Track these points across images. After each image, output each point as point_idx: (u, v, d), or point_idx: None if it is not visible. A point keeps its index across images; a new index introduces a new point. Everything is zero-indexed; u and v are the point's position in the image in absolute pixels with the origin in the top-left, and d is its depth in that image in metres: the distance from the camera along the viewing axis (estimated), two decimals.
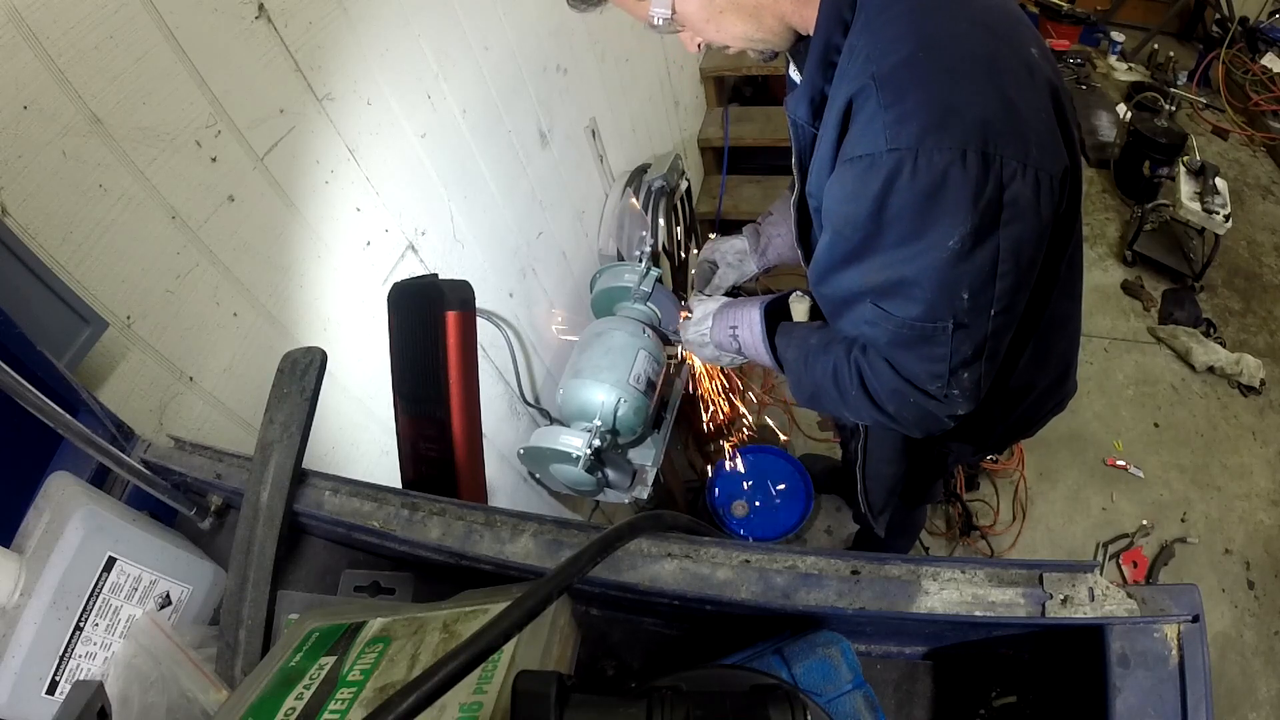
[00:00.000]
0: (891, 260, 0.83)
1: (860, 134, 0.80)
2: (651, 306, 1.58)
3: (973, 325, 0.85)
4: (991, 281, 0.81)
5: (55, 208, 0.83)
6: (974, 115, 0.75)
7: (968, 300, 0.82)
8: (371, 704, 0.57)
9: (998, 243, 0.79)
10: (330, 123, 1.20)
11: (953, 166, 0.74)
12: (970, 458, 1.40)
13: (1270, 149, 3.56)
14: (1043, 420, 1.28)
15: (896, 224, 0.80)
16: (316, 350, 0.88)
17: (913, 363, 0.89)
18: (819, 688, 0.65)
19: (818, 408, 1.12)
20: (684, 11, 0.90)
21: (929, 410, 0.93)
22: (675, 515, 0.72)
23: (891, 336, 0.89)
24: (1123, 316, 2.99)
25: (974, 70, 0.77)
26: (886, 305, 0.87)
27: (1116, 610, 0.59)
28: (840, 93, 0.83)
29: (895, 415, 0.96)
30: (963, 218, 0.77)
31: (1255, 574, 2.29)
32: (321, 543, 0.92)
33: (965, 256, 0.79)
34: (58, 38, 0.80)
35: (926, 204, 0.77)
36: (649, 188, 2.18)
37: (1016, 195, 0.77)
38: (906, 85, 0.76)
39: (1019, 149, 0.76)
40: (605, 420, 1.45)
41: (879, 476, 1.35)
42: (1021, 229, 0.79)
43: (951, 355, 0.87)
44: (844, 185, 0.83)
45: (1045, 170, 0.78)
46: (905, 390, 0.92)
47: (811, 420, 2.79)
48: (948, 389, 0.90)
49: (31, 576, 0.69)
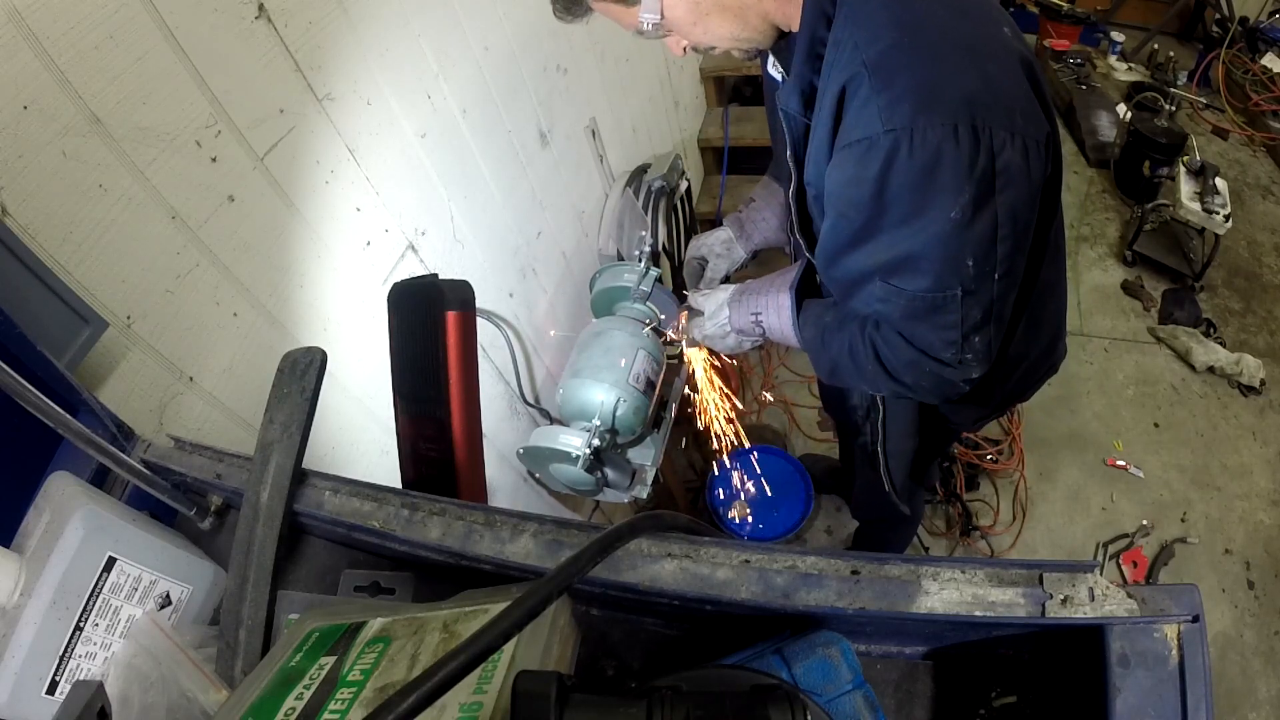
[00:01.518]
0: (897, 238, 0.87)
1: (856, 119, 0.84)
2: (651, 306, 1.58)
3: (979, 290, 0.89)
4: (993, 246, 0.86)
5: (55, 208, 0.83)
6: (960, 92, 0.80)
7: (973, 267, 0.87)
8: (371, 704, 0.57)
9: (995, 209, 0.84)
10: (330, 123, 1.20)
11: (946, 142, 0.79)
12: (972, 426, 1.47)
13: (1270, 149, 3.56)
14: (1037, 384, 1.32)
15: (898, 202, 0.84)
16: (316, 350, 0.88)
17: (926, 333, 0.94)
18: (819, 688, 0.65)
19: (837, 381, 1.17)
20: (672, 16, 0.93)
21: (945, 377, 0.98)
22: (675, 515, 0.72)
23: (904, 310, 0.93)
24: (1123, 316, 2.99)
25: (954, 51, 0.82)
26: (896, 281, 0.91)
27: (1116, 610, 0.59)
28: (832, 82, 0.86)
29: (913, 385, 1.01)
30: (960, 188, 0.81)
31: (1255, 574, 2.29)
32: (321, 543, 0.92)
33: (966, 225, 0.83)
34: (58, 38, 0.80)
35: (925, 179, 0.81)
36: (649, 188, 2.18)
37: (1008, 163, 0.82)
38: (895, 70, 0.81)
39: (1005, 119, 0.81)
40: (605, 420, 1.45)
41: (899, 453, 1.38)
42: (1015, 193, 0.84)
43: (963, 321, 0.91)
44: (844, 169, 0.87)
45: (1031, 136, 0.83)
46: (921, 360, 0.96)
47: (812, 420, 2.79)
48: (961, 354, 0.94)
49: (31, 576, 0.69)
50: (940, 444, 1.50)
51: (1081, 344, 2.90)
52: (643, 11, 0.92)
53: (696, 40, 0.97)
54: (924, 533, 2.49)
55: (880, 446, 1.36)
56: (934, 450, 1.52)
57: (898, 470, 1.41)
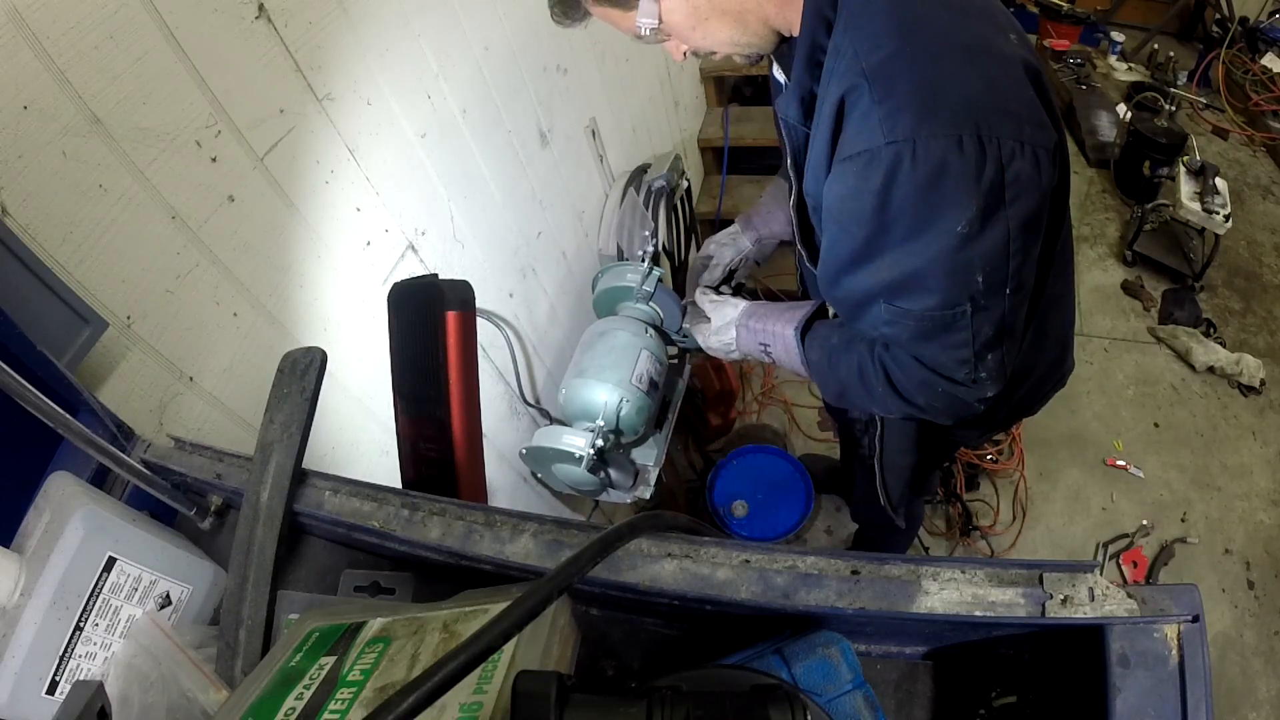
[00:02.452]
0: (900, 256, 0.84)
1: (856, 131, 0.81)
2: (654, 306, 1.58)
3: (991, 305, 0.86)
4: (1005, 260, 0.83)
5: (55, 208, 0.83)
6: (962, 100, 0.77)
7: (982, 282, 0.84)
8: (371, 704, 0.57)
9: (1007, 222, 0.80)
10: (330, 123, 1.20)
11: (950, 154, 0.76)
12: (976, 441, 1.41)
13: (1270, 149, 3.56)
14: (1045, 398, 1.30)
15: (901, 218, 0.81)
16: (316, 350, 0.88)
17: (937, 352, 0.91)
18: (819, 688, 0.65)
19: (846, 405, 1.14)
20: (670, 21, 0.91)
21: (958, 397, 0.94)
22: (675, 515, 0.72)
23: (913, 332, 0.90)
24: (1123, 316, 2.99)
25: (957, 57, 0.79)
26: (901, 303, 0.88)
27: (1116, 610, 0.59)
28: (831, 91, 0.84)
29: (926, 407, 0.98)
30: (967, 202, 0.78)
31: (1255, 574, 2.29)
32: (321, 543, 0.92)
33: (974, 239, 0.80)
34: (58, 38, 0.80)
35: (929, 193, 0.78)
36: (649, 188, 2.17)
37: (1018, 173, 0.79)
38: (896, 78, 0.78)
39: (1012, 128, 0.78)
40: (608, 420, 1.45)
41: (896, 468, 1.35)
42: (1027, 205, 0.81)
43: (974, 339, 0.88)
44: (844, 183, 0.84)
45: (1041, 145, 0.80)
46: (933, 381, 0.93)
47: (812, 420, 2.80)
48: (975, 373, 0.91)
49: (31, 576, 0.69)
50: (939, 458, 1.48)
51: (1081, 344, 2.90)
52: (640, 16, 0.90)
53: (696, 44, 0.95)
54: (924, 533, 2.48)
55: (878, 461, 1.34)
56: (933, 464, 1.49)
57: (894, 485, 1.39)
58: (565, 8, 0.95)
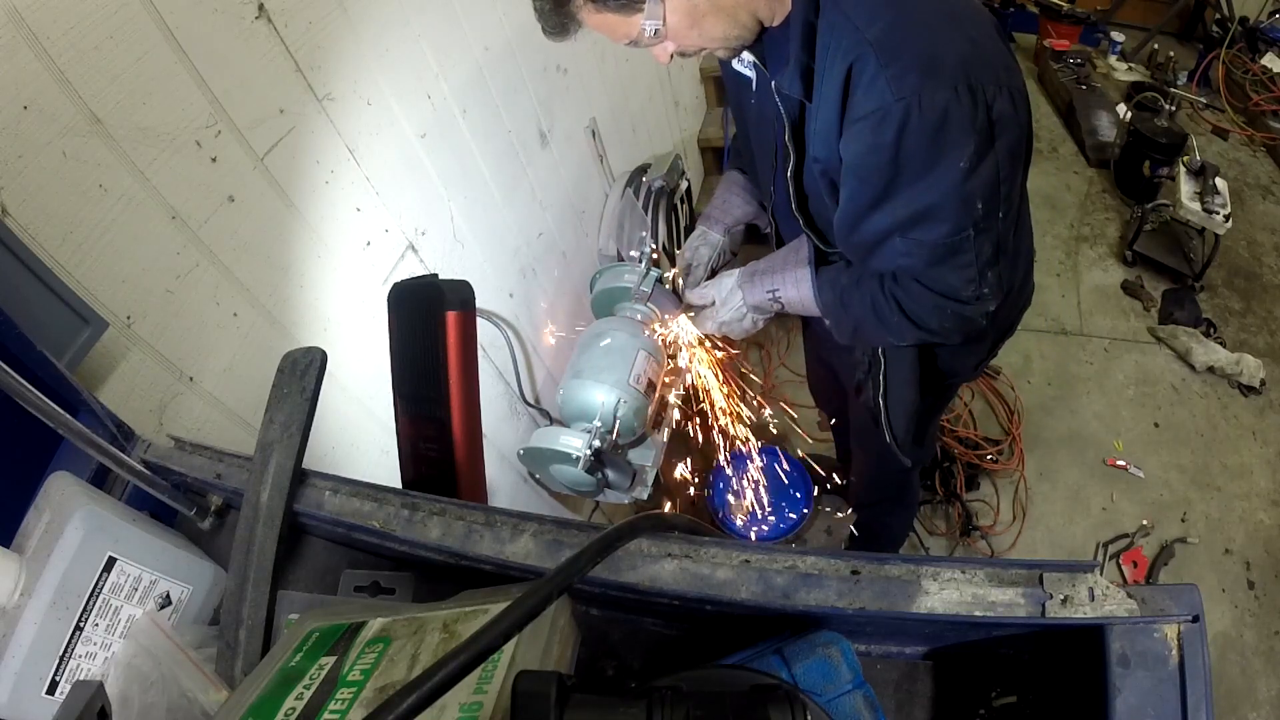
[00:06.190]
0: (914, 194, 0.96)
1: (866, 94, 0.92)
2: (652, 307, 1.58)
3: (989, 227, 0.99)
4: (997, 186, 0.96)
5: (55, 208, 0.83)
6: (955, 58, 0.90)
7: (981, 208, 0.97)
8: (371, 704, 0.57)
9: (996, 154, 0.94)
10: (330, 123, 1.20)
11: (951, 102, 0.89)
12: (971, 375, 1.57)
13: (1270, 149, 3.56)
14: (1019, 316, 1.43)
15: (913, 162, 0.93)
16: (316, 350, 0.88)
17: (947, 274, 1.03)
18: (819, 688, 0.65)
19: (860, 342, 1.26)
20: (671, 21, 0.96)
21: (966, 314, 1.08)
22: (675, 515, 0.72)
23: (927, 259, 1.02)
24: (1123, 316, 2.99)
25: (943, 22, 0.93)
26: (916, 234, 1.00)
27: (1116, 610, 0.59)
28: (835, 64, 0.94)
29: (938, 329, 1.11)
30: (966, 141, 0.91)
31: (1255, 574, 2.29)
32: (321, 543, 0.92)
33: (974, 172, 0.93)
34: (58, 38, 0.80)
35: (936, 137, 0.91)
36: (649, 188, 2.18)
37: (1001, 112, 0.92)
38: (897, 45, 0.90)
39: (993, 75, 0.92)
40: (605, 421, 1.45)
41: (901, 402, 1.42)
42: (1010, 138, 0.95)
43: (978, 258, 1.02)
44: (861, 140, 0.95)
45: (1014, 87, 0.95)
46: (943, 304, 1.07)
47: (811, 420, 2.79)
48: (979, 290, 1.05)
49: (31, 576, 0.69)
50: (939, 399, 1.56)
51: (1081, 344, 2.91)
52: (645, 19, 0.94)
53: (691, 43, 1.00)
54: (924, 533, 2.49)
55: (882, 398, 1.41)
56: (934, 407, 1.56)
57: (898, 419, 1.45)
58: (557, 23, 0.97)
